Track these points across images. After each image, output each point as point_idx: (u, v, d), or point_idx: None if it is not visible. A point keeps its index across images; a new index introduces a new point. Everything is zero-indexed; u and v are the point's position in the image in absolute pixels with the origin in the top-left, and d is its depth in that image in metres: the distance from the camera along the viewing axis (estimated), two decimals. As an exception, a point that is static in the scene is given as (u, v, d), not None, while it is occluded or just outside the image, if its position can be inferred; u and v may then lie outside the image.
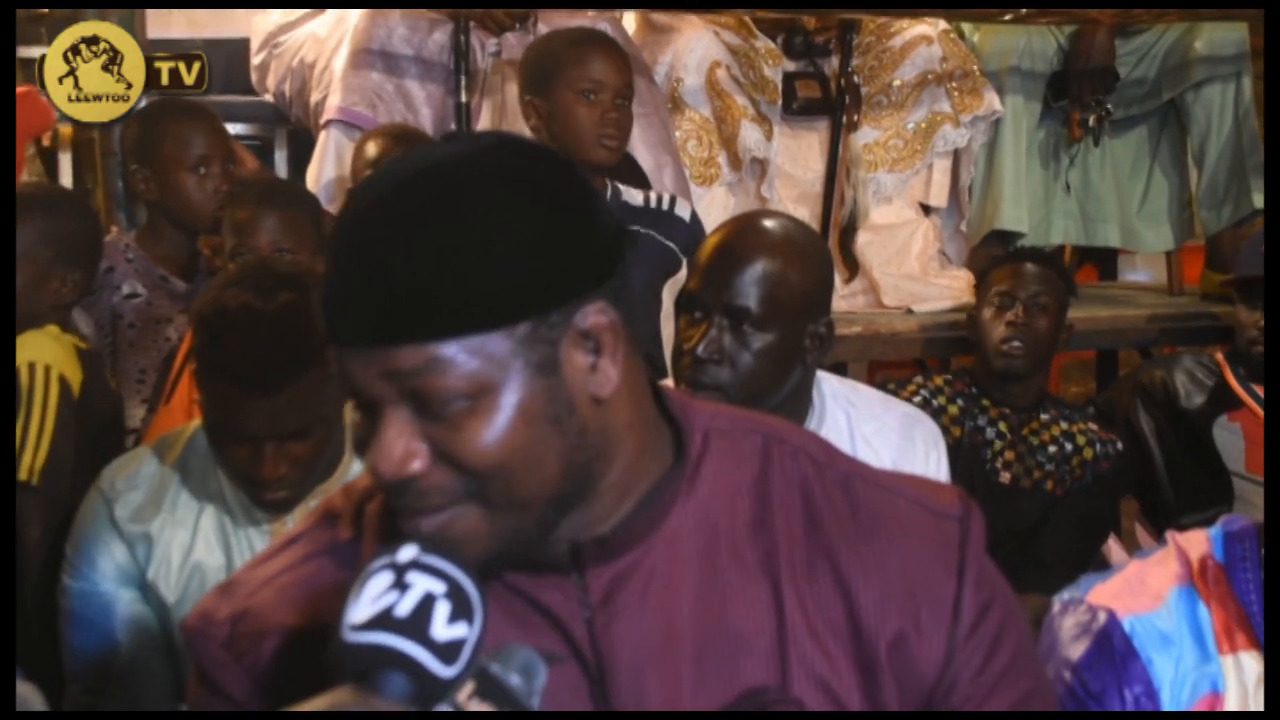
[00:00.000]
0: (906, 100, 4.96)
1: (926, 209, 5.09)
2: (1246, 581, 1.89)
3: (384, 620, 1.25)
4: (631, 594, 1.43)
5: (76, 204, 3.55)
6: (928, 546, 1.47)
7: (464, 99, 4.47)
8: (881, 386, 4.15)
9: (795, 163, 4.92)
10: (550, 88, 3.87)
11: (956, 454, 3.90)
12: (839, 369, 5.04)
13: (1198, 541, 1.93)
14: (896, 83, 4.96)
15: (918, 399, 3.98)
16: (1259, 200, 5.06)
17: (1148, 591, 1.91)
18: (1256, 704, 1.86)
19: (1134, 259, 6.30)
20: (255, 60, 4.95)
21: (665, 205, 4.02)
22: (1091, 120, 5.00)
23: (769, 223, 2.75)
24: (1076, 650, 1.91)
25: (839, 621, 1.45)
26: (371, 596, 1.26)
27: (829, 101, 4.91)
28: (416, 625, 1.25)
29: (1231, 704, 1.87)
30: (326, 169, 4.45)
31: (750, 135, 4.75)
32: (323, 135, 4.51)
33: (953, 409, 4.00)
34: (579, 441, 1.39)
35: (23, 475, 3.07)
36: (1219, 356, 4.27)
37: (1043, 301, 3.99)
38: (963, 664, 1.46)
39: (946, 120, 4.95)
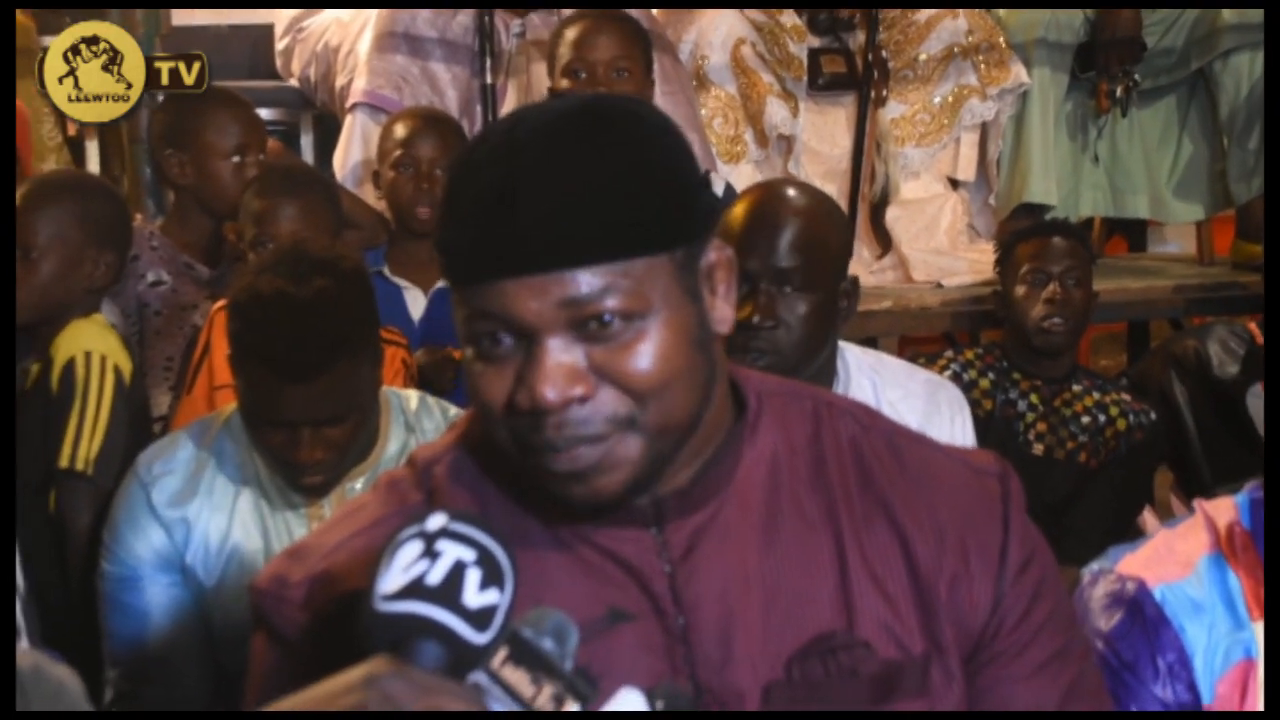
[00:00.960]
0: (933, 74, 4.94)
1: (954, 183, 5.08)
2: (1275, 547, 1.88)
3: (415, 589, 1.26)
4: (710, 547, 1.47)
5: (103, 187, 3.57)
6: (974, 498, 1.53)
7: (489, 80, 4.47)
8: (911, 360, 4.15)
9: (822, 139, 4.91)
10: (552, 70, 3.99)
11: (989, 427, 3.90)
12: (869, 344, 5.03)
13: (1225, 509, 1.92)
14: (923, 57, 4.94)
15: (948, 373, 3.98)
16: (1291, 167, 5.03)
17: (1177, 560, 1.91)
18: (1290, 669, 1.86)
19: (1164, 230, 6.27)
20: (280, 45, 4.96)
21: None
22: (1119, 91, 4.97)
23: (791, 189, 2.88)
24: (1108, 620, 1.90)
25: (897, 567, 1.49)
26: (402, 566, 1.27)
27: (855, 77, 4.90)
28: (448, 593, 1.26)
29: (1265, 669, 1.86)
30: (353, 152, 4.45)
31: (776, 112, 4.74)
32: (349, 119, 4.51)
33: (984, 382, 3.99)
34: (711, 371, 1.46)
35: (78, 465, 3.10)
36: (1251, 325, 4.25)
37: (1076, 275, 3.99)
38: (1007, 610, 1.51)
39: (973, 94, 4.94)
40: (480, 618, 1.26)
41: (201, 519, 2.78)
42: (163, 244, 3.86)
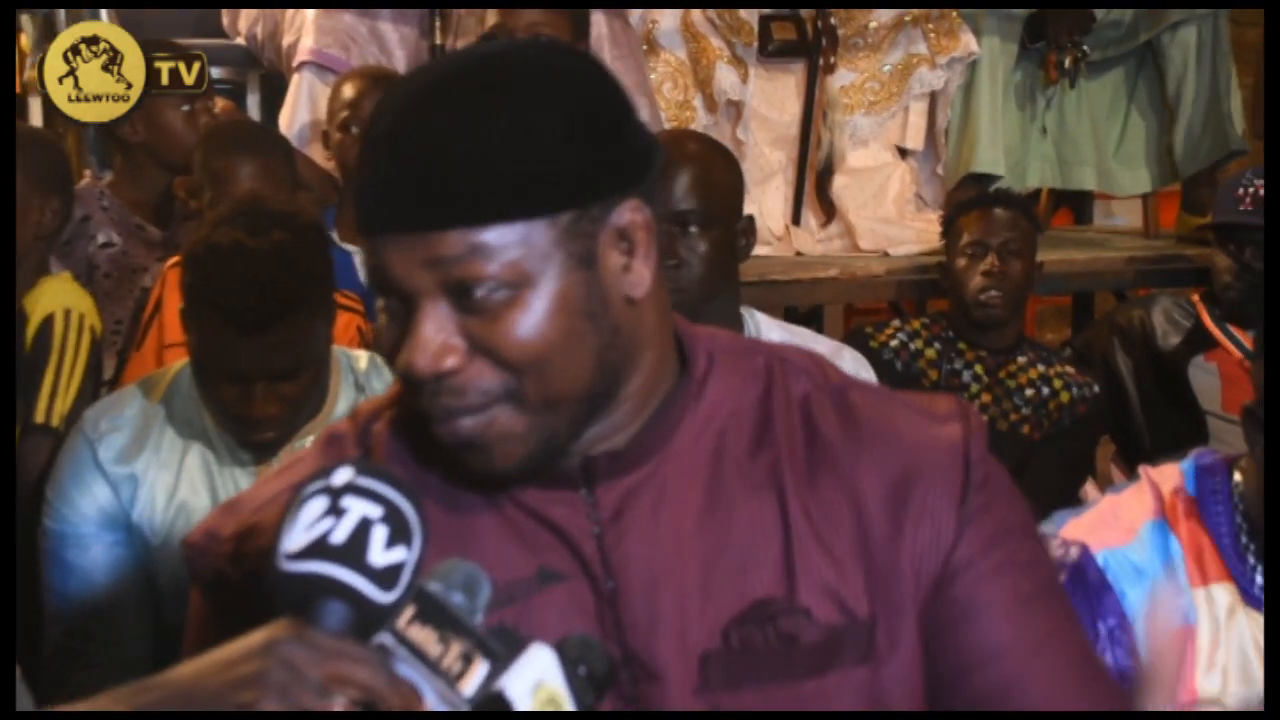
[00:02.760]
0: (883, 42, 4.94)
1: (903, 152, 5.08)
2: (1218, 514, 1.90)
3: (319, 548, 1.23)
4: (642, 509, 1.44)
5: (39, 135, 3.56)
6: (930, 445, 1.48)
7: (438, 40, 4.44)
8: (858, 329, 4.16)
9: (771, 105, 4.90)
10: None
11: (932, 396, 3.91)
12: (815, 312, 5.05)
13: (1169, 475, 1.94)
14: (873, 24, 4.94)
15: (895, 341, 3.99)
16: (1234, 143, 5.06)
17: (1120, 525, 1.92)
18: (1227, 635, 1.87)
19: (1110, 204, 6.30)
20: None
21: None
22: (1068, 62, 4.98)
23: (685, 137, 3.12)
24: (1050, 585, 1.91)
25: (846, 527, 1.45)
26: (306, 523, 1.24)
27: (805, 44, 4.89)
28: (353, 552, 1.23)
29: (1204, 635, 1.88)
30: (300, 112, 4.43)
31: (726, 78, 4.73)
32: (295, 78, 4.48)
33: (930, 352, 4.00)
34: (612, 340, 1.40)
35: (53, 421, 3.10)
36: (1195, 298, 4.28)
37: (1014, 246, 3.98)
38: (968, 536, 1.46)
39: (923, 62, 4.94)
40: (386, 576, 1.23)
41: (149, 475, 2.77)
42: (113, 204, 3.83)
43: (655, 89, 4.64)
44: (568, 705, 1.25)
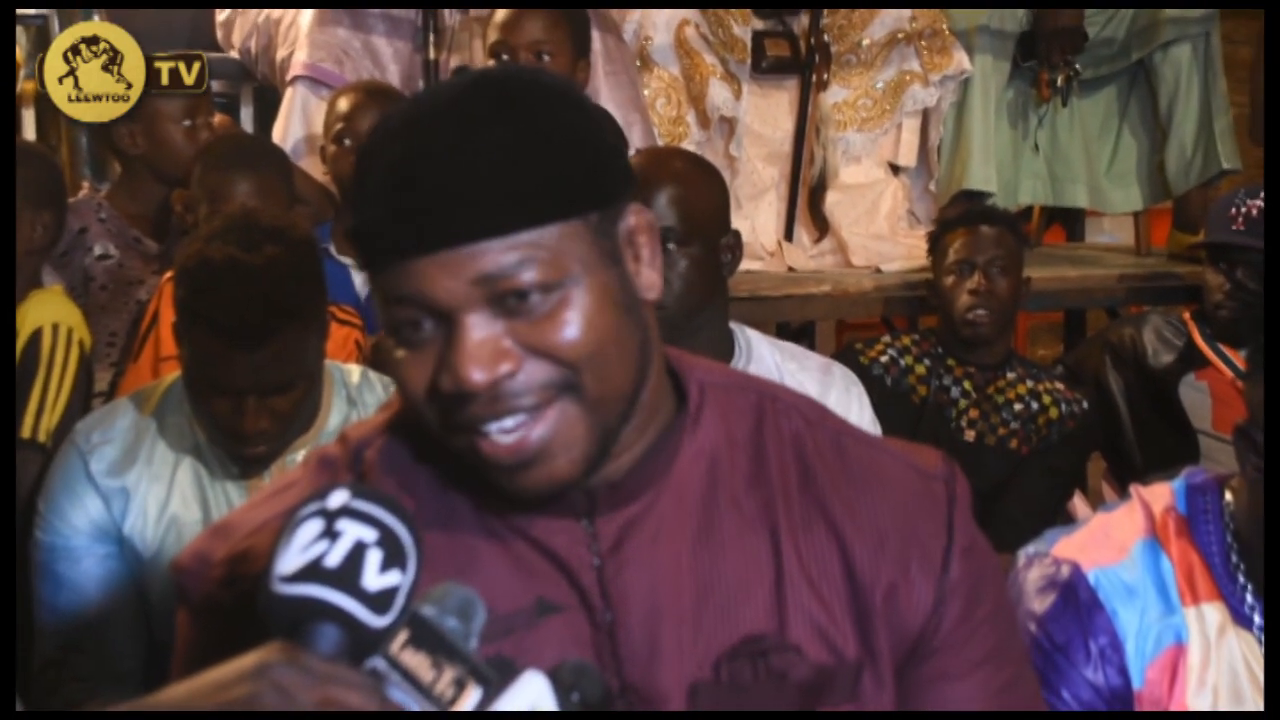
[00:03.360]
0: (876, 59, 4.95)
1: (895, 169, 5.08)
2: (1208, 533, 1.90)
3: (313, 571, 1.23)
4: (641, 541, 1.44)
5: (32, 149, 3.55)
6: (917, 501, 1.49)
7: (432, 55, 4.44)
8: (849, 346, 4.17)
9: (764, 121, 4.91)
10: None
11: (922, 412, 3.93)
12: (807, 328, 5.06)
13: (1160, 494, 1.94)
14: (866, 41, 4.95)
15: (885, 357, 4.00)
16: (1226, 161, 5.07)
17: (1112, 544, 1.92)
18: (1218, 655, 1.88)
19: (1102, 221, 6.31)
20: (220, 16, 4.91)
21: None
22: (1060, 80, 4.99)
23: (665, 155, 3.15)
24: (1042, 603, 1.92)
25: (834, 571, 1.46)
26: (301, 546, 1.24)
27: (798, 60, 4.90)
28: (347, 576, 1.23)
29: (1195, 655, 1.88)
30: (294, 126, 4.42)
31: (719, 94, 4.74)
32: (289, 92, 4.48)
33: (920, 368, 4.01)
34: (644, 337, 1.43)
35: (40, 437, 3.09)
36: (1186, 316, 4.28)
37: (1000, 264, 3.99)
38: (946, 611, 1.48)
39: (915, 79, 4.94)
40: (380, 600, 1.23)
41: (140, 489, 2.77)
42: (110, 216, 3.83)
43: (649, 105, 4.64)
44: None
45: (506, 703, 1.24)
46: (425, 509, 1.44)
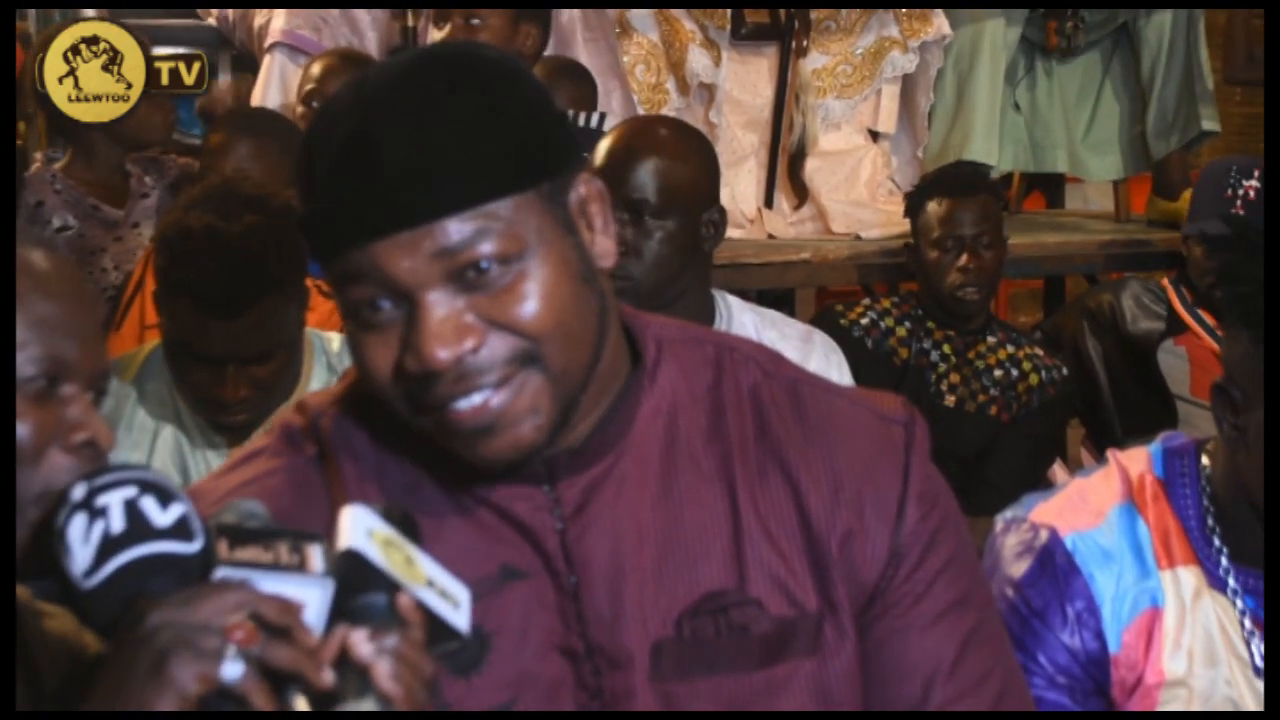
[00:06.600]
0: (855, 25, 4.94)
1: (875, 135, 5.08)
2: (1185, 497, 1.91)
3: (107, 547, 1.25)
4: (603, 503, 1.45)
5: None
6: (874, 447, 1.49)
7: (410, 21, 4.43)
8: (829, 308, 4.16)
9: (744, 88, 4.90)
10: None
11: (903, 376, 3.92)
12: (788, 296, 5.06)
13: (1138, 458, 1.94)
14: (845, 8, 4.94)
15: (865, 320, 3.99)
16: (1207, 124, 5.05)
17: (1089, 509, 1.93)
18: (1193, 618, 1.89)
19: (1083, 189, 6.30)
20: (198, -17, 4.90)
21: (594, 124, 4.00)
22: (1068, 27, 4.97)
23: (655, 124, 3.08)
24: (1019, 568, 1.92)
25: (791, 522, 1.47)
26: (80, 541, 1.26)
27: (778, 27, 4.89)
28: (138, 528, 1.26)
29: (1170, 618, 1.89)
30: (271, 93, 4.42)
31: (698, 60, 4.73)
32: (267, 59, 4.47)
33: (900, 330, 4.00)
34: (602, 305, 1.43)
35: None
36: (1165, 282, 4.29)
37: (989, 236, 3.97)
38: (903, 559, 1.48)
39: (895, 46, 4.93)
40: (180, 530, 1.26)
41: (120, 456, 2.75)
42: (66, 186, 3.82)
43: (628, 72, 4.63)
44: (402, 541, 1.29)
45: (345, 538, 1.27)
46: (387, 479, 1.45)
